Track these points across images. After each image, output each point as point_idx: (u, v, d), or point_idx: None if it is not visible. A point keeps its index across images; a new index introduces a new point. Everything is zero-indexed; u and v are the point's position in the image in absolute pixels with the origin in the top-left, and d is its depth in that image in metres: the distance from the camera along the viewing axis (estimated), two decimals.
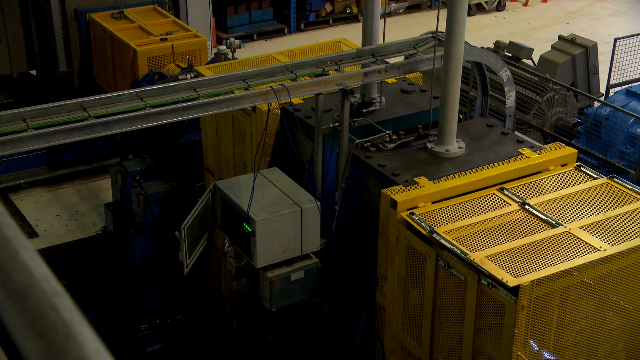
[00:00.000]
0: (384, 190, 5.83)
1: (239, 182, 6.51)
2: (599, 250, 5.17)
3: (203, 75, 7.11)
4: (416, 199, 5.74)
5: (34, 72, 12.47)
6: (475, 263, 5.13)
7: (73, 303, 1.00)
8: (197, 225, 6.49)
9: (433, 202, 5.79)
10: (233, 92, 6.20)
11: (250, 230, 6.06)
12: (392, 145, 6.44)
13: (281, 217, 6.09)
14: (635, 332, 5.53)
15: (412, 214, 5.63)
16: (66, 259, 10.01)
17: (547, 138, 10.43)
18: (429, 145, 6.41)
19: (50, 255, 10.12)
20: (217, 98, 5.97)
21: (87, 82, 11.81)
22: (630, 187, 5.91)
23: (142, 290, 8.46)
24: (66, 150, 11.56)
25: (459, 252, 5.24)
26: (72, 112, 5.50)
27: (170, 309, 8.58)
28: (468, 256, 5.19)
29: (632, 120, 10.20)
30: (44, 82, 12.27)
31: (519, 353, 4.98)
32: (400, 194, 5.73)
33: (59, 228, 11.00)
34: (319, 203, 6.25)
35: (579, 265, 5.06)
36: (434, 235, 5.41)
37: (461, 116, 7.06)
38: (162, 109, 5.72)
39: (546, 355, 5.20)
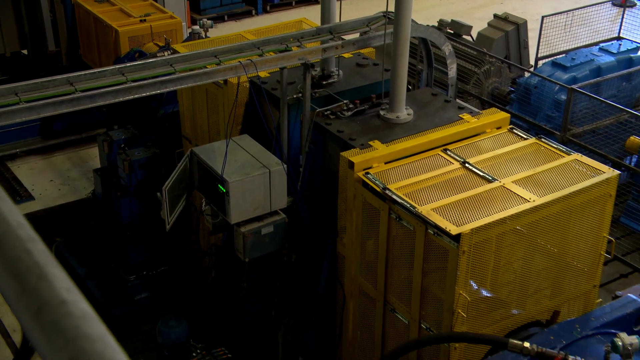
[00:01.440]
0: (343, 153, 5.82)
1: (213, 148, 6.46)
2: (528, 201, 5.24)
3: (179, 53, 6.99)
4: (371, 160, 5.75)
5: (25, 51, 12.20)
6: (423, 215, 5.17)
7: (46, 248, 0.98)
8: (177, 187, 6.44)
9: (386, 163, 5.80)
10: (206, 67, 6.12)
11: (224, 190, 6.03)
12: (349, 113, 6.43)
13: (252, 179, 6.07)
14: (560, 271, 5.64)
15: (368, 173, 5.64)
16: (60, 219, 9.94)
17: (484, 105, 10.49)
18: (382, 112, 6.41)
19: (46, 216, 10.04)
20: (191, 72, 5.88)
21: (74, 60, 11.61)
22: (555, 146, 5.98)
23: (130, 245, 8.42)
24: (57, 122, 11.43)
25: (408, 206, 5.28)
26: (60, 86, 5.38)
27: (155, 261, 8.56)
28: (416, 209, 5.22)
29: (557, 88, 10.31)
30: (35, 61, 12.01)
31: (461, 292, 5.05)
32: (356, 156, 5.73)
33: (53, 192, 10.87)
34: (285, 165, 6.23)
35: (512, 215, 5.12)
36: (387, 191, 5.43)
37: (410, 87, 7.05)
38: (142, 82, 5.62)
39: (484, 293, 5.27)
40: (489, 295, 5.28)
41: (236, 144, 6.42)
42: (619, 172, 5.61)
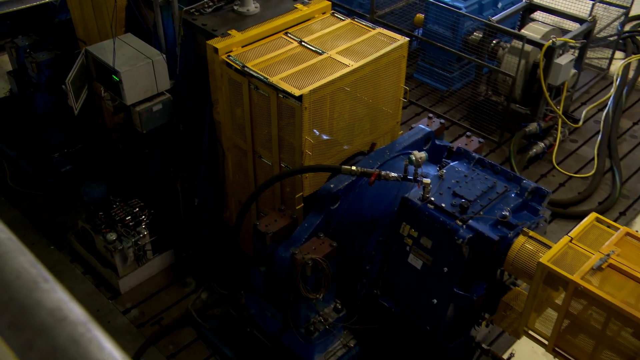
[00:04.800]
0: (208, 42, 5.47)
1: (104, 46, 5.86)
2: (348, 66, 5.21)
3: None
4: (231, 45, 5.45)
5: None
6: (274, 84, 5.03)
7: None
8: (78, 79, 5.85)
9: (243, 46, 5.52)
10: None
11: (117, 79, 5.55)
12: (210, 10, 5.97)
13: (138, 68, 5.61)
14: (374, 115, 5.77)
15: (229, 56, 5.36)
16: None
17: None
18: (235, 7, 6.00)
19: None
20: None
21: None
22: (365, 24, 5.90)
23: (49, 130, 7.72)
24: None
25: (262, 78, 5.11)
26: None
27: (72, 141, 7.95)
28: (269, 80, 5.07)
29: None
30: None
31: (307, 137, 5.07)
32: (219, 43, 5.41)
33: None
34: (164, 56, 5.79)
35: (338, 77, 5.09)
36: (245, 69, 5.21)
37: None
38: None
39: (323, 137, 5.33)
40: (327, 138, 5.35)
41: (122, 42, 5.86)
42: (409, 39, 5.65)
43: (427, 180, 4.69)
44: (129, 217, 6.54)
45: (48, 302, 0.67)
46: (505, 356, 5.41)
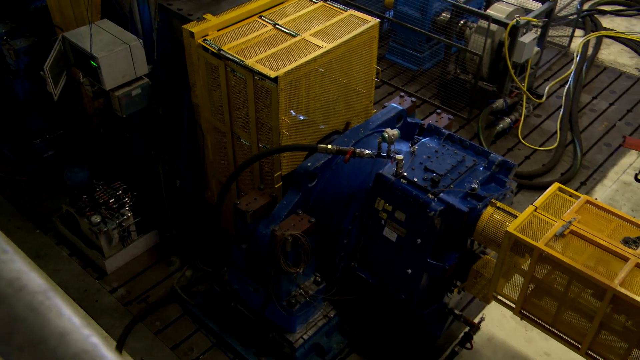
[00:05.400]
0: (184, 26, 5.35)
1: (80, 32, 5.69)
2: (322, 47, 5.15)
3: None
4: (207, 29, 5.34)
5: None
6: (249, 66, 4.96)
7: None
8: (56, 65, 5.68)
9: (218, 30, 5.42)
10: None
11: (95, 65, 5.40)
12: None
13: (116, 53, 5.46)
14: (348, 95, 5.73)
15: (205, 40, 5.26)
16: None
17: None
18: None
19: None
20: None
21: None
22: (336, 7, 5.82)
23: (30, 116, 7.51)
24: None
25: (238, 60, 5.02)
26: None
27: (53, 126, 7.75)
28: (244, 62, 4.99)
29: None
30: None
31: (283, 118, 5.02)
32: (195, 27, 5.30)
33: None
34: (141, 41, 5.64)
35: (312, 59, 5.04)
36: (221, 52, 5.12)
37: None
38: None
39: (300, 117, 5.29)
40: (303, 118, 5.31)
41: (99, 28, 5.69)
42: (379, 20, 5.60)
43: (399, 157, 4.70)
44: (113, 200, 6.44)
45: (7, 272, 0.63)
46: (476, 320, 5.51)
